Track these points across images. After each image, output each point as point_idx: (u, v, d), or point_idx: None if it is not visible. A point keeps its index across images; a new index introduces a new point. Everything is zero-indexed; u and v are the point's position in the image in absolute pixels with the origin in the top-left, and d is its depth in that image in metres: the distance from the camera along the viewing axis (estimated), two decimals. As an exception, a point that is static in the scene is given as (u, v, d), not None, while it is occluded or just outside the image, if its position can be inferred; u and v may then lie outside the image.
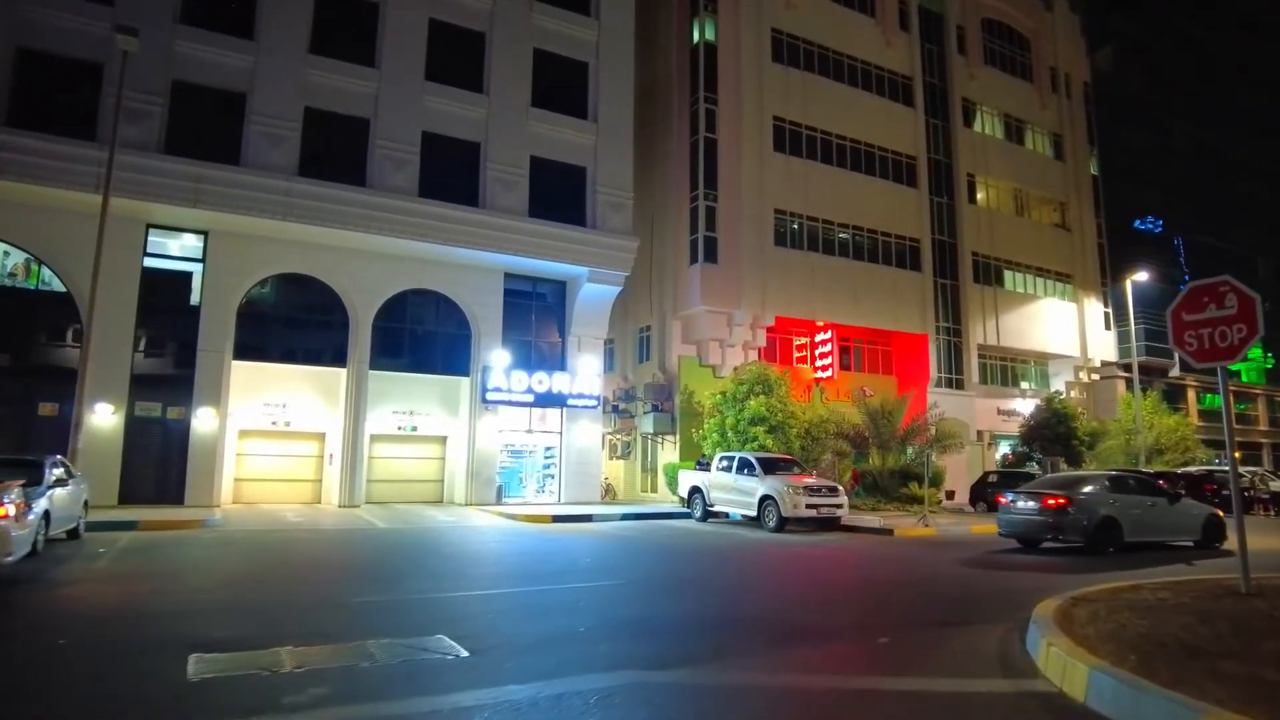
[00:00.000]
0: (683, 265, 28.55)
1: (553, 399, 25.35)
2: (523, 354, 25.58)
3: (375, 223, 22.48)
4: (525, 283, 26.14)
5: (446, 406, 25.61)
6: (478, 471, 24.44)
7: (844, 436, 27.05)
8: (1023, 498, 14.75)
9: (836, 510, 17.99)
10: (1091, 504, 14.02)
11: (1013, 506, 14.87)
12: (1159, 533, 14.84)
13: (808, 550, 14.78)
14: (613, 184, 26.36)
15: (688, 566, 12.21)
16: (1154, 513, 14.67)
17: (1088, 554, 13.66)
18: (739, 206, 28.69)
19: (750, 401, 24.25)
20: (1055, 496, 14.10)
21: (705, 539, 16.53)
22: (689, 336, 28.79)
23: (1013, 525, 14.84)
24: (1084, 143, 41.45)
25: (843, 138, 32.01)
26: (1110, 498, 14.34)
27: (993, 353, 36.78)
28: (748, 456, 19.64)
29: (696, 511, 20.87)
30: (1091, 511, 13.86)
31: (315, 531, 16.63)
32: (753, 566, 12.41)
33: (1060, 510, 13.90)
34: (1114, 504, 14.20)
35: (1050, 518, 13.95)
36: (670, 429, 28.21)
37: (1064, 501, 13.94)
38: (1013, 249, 37.22)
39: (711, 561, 12.98)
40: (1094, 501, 14.12)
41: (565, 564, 12.23)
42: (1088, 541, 13.74)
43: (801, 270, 30.04)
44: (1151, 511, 14.64)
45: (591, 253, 25.34)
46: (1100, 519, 13.82)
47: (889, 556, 13.96)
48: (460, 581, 10.22)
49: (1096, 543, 13.74)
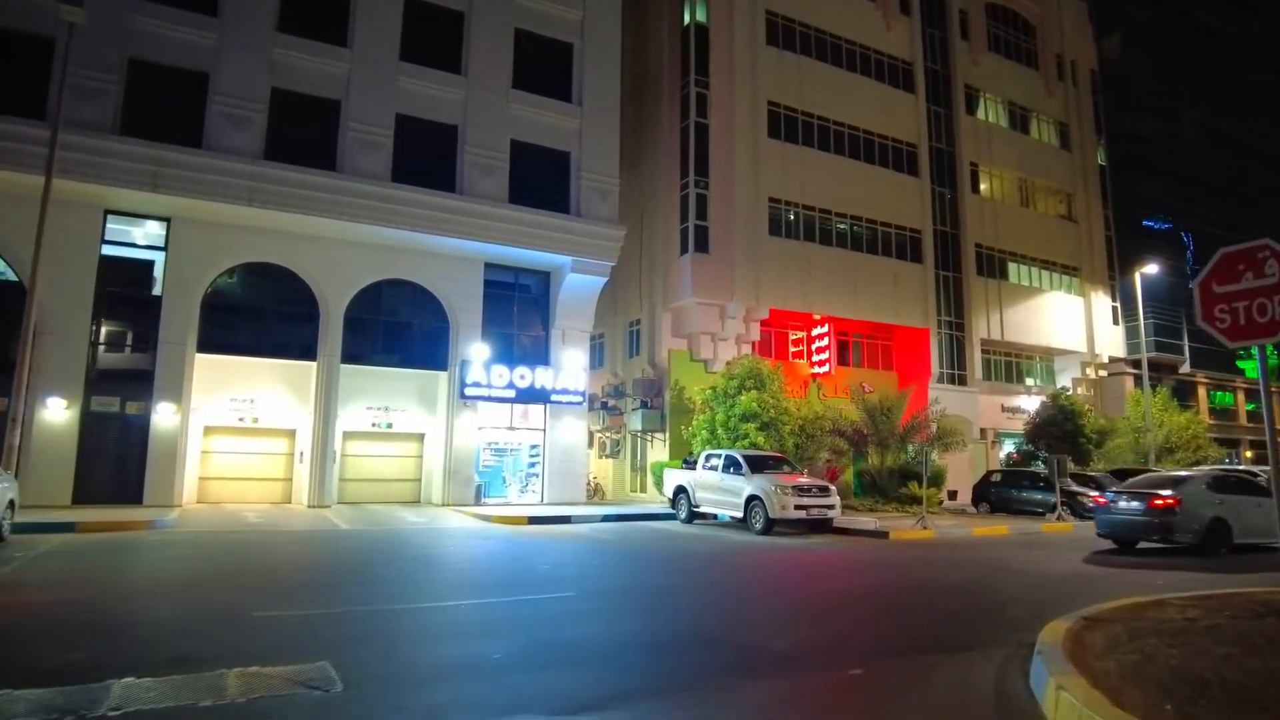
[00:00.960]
0: (673, 256, 27.41)
1: (535, 394, 24.22)
2: (504, 348, 24.46)
3: (345, 209, 21.38)
4: (507, 273, 25.02)
5: (424, 403, 24.50)
6: (455, 470, 23.32)
7: (841, 434, 25.86)
8: (1125, 498, 14.51)
9: (828, 512, 16.82)
10: (1200, 504, 13.75)
11: (1114, 506, 14.62)
12: (1269, 534, 14.16)
13: (793, 555, 13.62)
14: (598, 170, 25.21)
15: (655, 575, 11.06)
16: (1259, 513, 13.95)
17: (1197, 555, 13.31)
18: (732, 195, 27.52)
19: (741, 397, 23.09)
20: (1164, 497, 13.67)
21: (685, 543, 15.38)
22: (680, 330, 27.64)
23: (1113, 525, 14.55)
24: (1091, 132, 40.18)
25: (841, 124, 30.82)
26: (1217, 498, 14.08)
27: (997, 348, 35.56)
28: (734, 454, 18.49)
29: (681, 513, 19.72)
30: (1201, 512, 13.58)
31: (270, 533, 15.54)
32: (728, 574, 11.26)
33: (1168, 511, 13.54)
34: (1221, 504, 13.94)
35: (1157, 518, 13.63)
36: (660, 426, 27.08)
37: (1173, 502, 13.58)
38: (1017, 241, 35.98)
39: (684, 568, 11.83)
40: (1202, 502, 13.83)
41: (520, 571, 11.11)
42: (1199, 543, 13.48)
43: (797, 261, 28.87)
44: (1257, 511, 13.97)
45: (575, 241, 24.19)
46: (1210, 520, 13.56)
47: (881, 562, 12.80)
48: (394, 592, 9.10)
49: (1207, 544, 13.48)
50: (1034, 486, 23.68)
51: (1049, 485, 22.14)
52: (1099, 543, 16.15)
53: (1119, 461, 30.34)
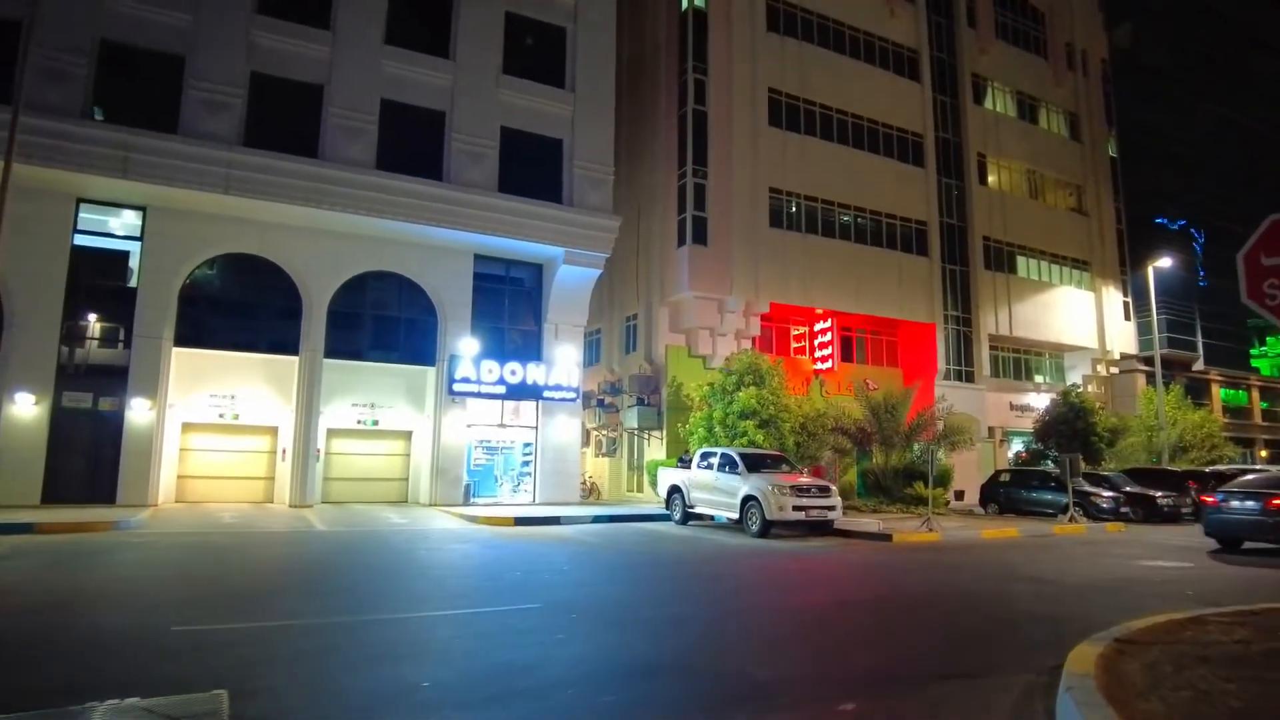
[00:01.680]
0: (670, 249, 26.53)
1: (527, 391, 23.38)
2: (494, 342, 23.63)
3: (327, 197, 20.57)
4: (497, 265, 24.19)
5: (411, 399, 23.68)
6: (443, 469, 22.50)
7: (844, 432, 24.95)
8: (1238, 497, 14.24)
9: (828, 513, 15.92)
10: None
11: (1225, 506, 14.36)
12: None
13: (789, 560, 12.75)
14: (592, 158, 24.35)
15: (634, 584, 10.18)
16: None
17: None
18: (731, 185, 26.63)
19: (740, 393, 22.20)
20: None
21: (674, 546, 14.52)
22: (677, 325, 26.77)
23: (1224, 525, 14.36)
24: (1102, 123, 39.14)
25: (844, 113, 29.89)
26: None
27: (1005, 344, 34.61)
28: (730, 452, 17.60)
29: (676, 514, 18.85)
30: None
31: (240, 535, 14.74)
32: (715, 583, 10.39)
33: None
34: None
35: (1275, 518, 13.42)
36: (656, 424, 26.21)
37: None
38: (1026, 234, 34.99)
39: (669, 576, 10.96)
40: None
41: (490, 579, 10.26)
42: None
43: (799, 254, 27.96)
44: None
45: (568, 232, 23.34)
46: None
47: (882, 568, 11.91)
48: (344, 603, 8.27)
49: None
50: (1045, 486, 22.74)
51: (1061, 485, 21.22)
52: (1114, 546, 15.26)
53: (1131, 461, 29.42)
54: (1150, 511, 21.77)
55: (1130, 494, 21.93)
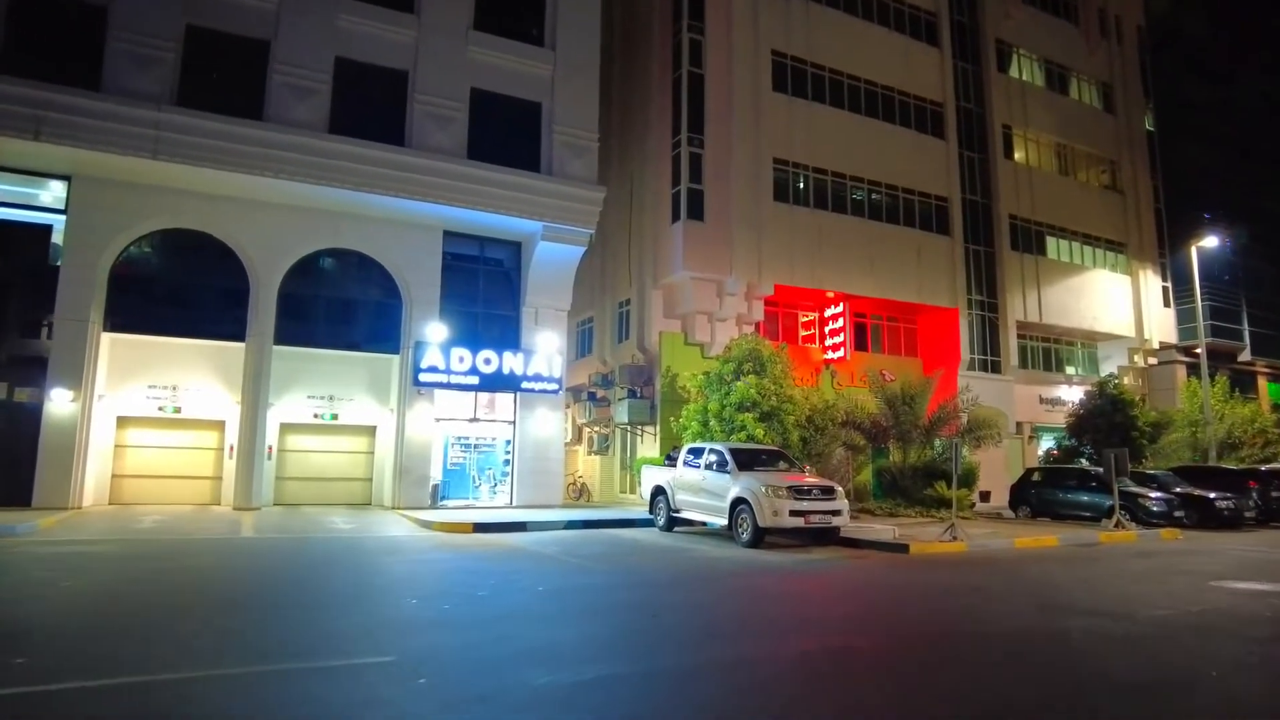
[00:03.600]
0: (664, 225, 24.09)
1: (503, 381, 21.07)
2: (467, 328, 21.34)
3: (273, 163, 18.35)
4: (469, 243, 21.89)
5: (375, 391, 21.45)
6: (407, 468, 20.22)
7: (856, 426, 22.43)
8: None
9: (832, 518, 13.44)
10: None
11: None
12: None
13: (782, 581, 10.31)
14: (574, 124, 21.98)
15: (564, 620, 7.71)
16: None
17: None
18: (731, 155, 24.16)
19: (737, 383, 19.76)
20: None
21: (647, 560, 12.12)
22: (672, 310, 24.33)
23: None
24: (1138, 94, 36.23)
25: (855, 78, 27.30)
26: None
27: (1034, 331, 31.87)
28: (719, 448, 15.15)
29: (660, 519, 16.43)
30: None
31: (143, 544, 12.49)
32: (677, 617, 7.97)
33: None
34: None
35: None
36: (649, 418, 23.80)
37: None
38: (1056, 212, 32.20)
39: (620, 606, 8.54)
40: None
41: (374, 607, 7.90)
42: None
43: (807, 231, 25.44)
44: None
45: (546, 204, 20.98)
46: None
47: (897, 592, 9.46)
48: (145, 650, 5.94)
49: None
50: (1084, 487, 20.09)
51: (1103, 485, 18.59)
52: (1178, 559, 12.70)
53: (1175, 459, 26.61)
54: (1206, 515, 19.09)
55: (1183, 495, 19.26)
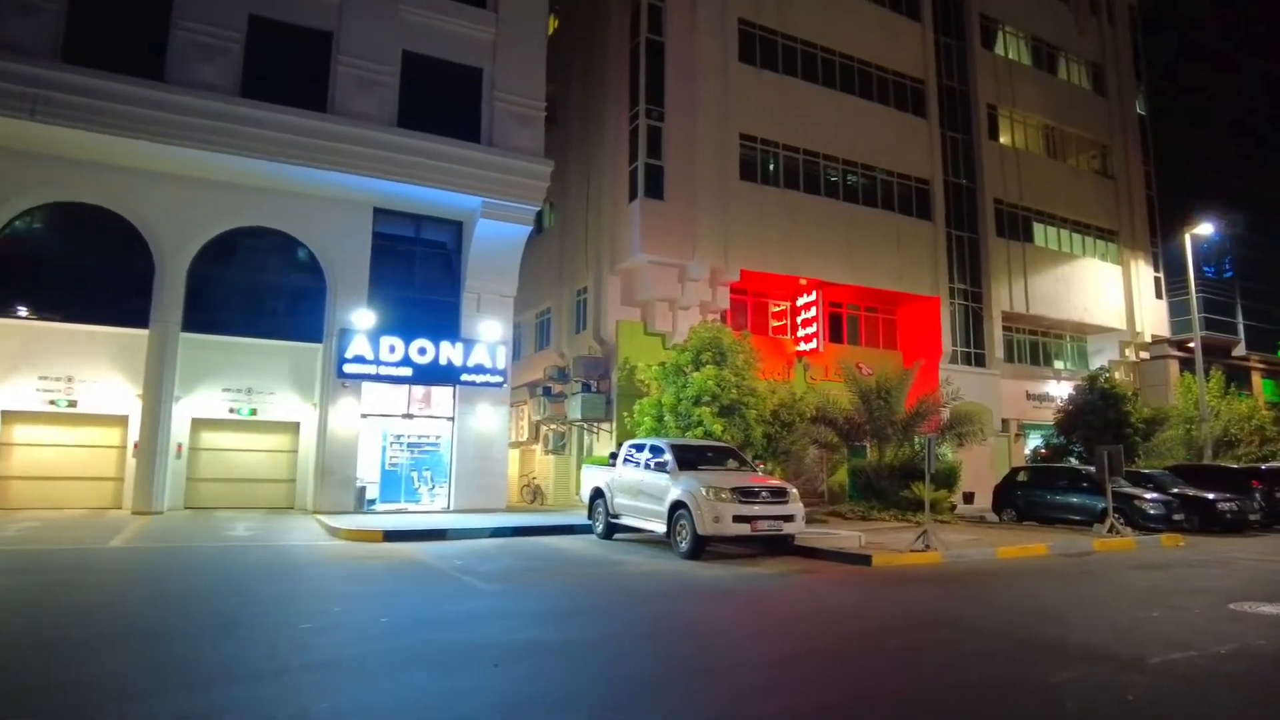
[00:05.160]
0: (621, 205, 22.24)
1: (440, 373, 19.17)
2: (400, 315, 19.41)
3: (174, 129, 16.40)
4: (404, 222, 19.98)
5: (300, 385, 19.53)
6: (330, 469, 18.28)
7: (828, 422, 20.65)
8: None
9: (783, 525, 11.58)
10: None
11: None
12: None
13: (701, 607, 8.45)
14: (518, 91, 20.10)
15: (380, 672, 5.74)
16: None
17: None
18: (694, 129, 22.33)
19: (695, 374, 17.93)
20: None
21: (552, 578, 10.25)
22: (631, 297, 22.48)
23: None
24: (1129, 76, 34.61)
25: (830, 52, 25.52)
26: None
27: (1021, 323, 30.16)
28: (660, 444, 13.28)
29: (598, 525, 14.55)
30: None
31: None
32: (517, 665, 6.08)
33: None
34: None
35: None
36: (604, 414, 21.93)
37: None
38: (1045, 197, 30.53)
39: (466, 645, 6.60)
40: None
41: (165, 645, 6.00)
42: None
43: (778, 214, 23.62)
44: None
45: (486, 177, 19.08)
46: None
47: (840, 624, 7.62)
48: None
49: None
50: (1075, 488, 18.29)
51: (1096, 486, 16.82)
52: (1187, 572, 10.91)
53: (1169, 457, 24.93)
54: (1208, 518, 17.35)
55: (1183, 497, 17.52)
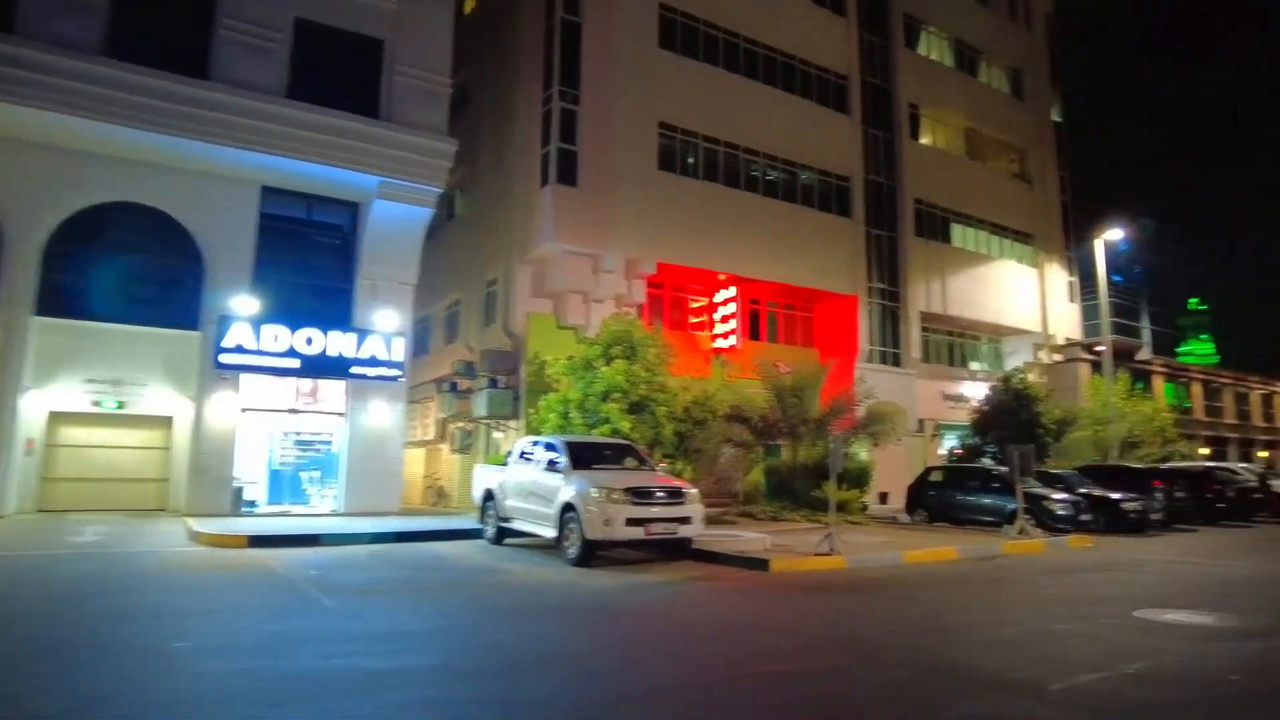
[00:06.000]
0: (534, 191, 21.22)
1: (329, 365, 17.84)
2: (288, 302, 18.02)
3: (28, 89, 14.75)
4: (294, 203, 18.58)
5: (175, 376, 17.88)
6: (204, 467, 16.80)
7: (742, 420, 20.08)
8: None
9: (680, 528, 10.81)
10: None
11: None
12: None
13: (570, 624, 7.59)
14: (421, 65, 18.90)
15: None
16: None
17: None
18: (611, 115, 21.47)
19: (603, 368, 17.09)
20: None
21: (415, 592, 9.25)
22: (543, 288, 21.46)
23: None
24: (1047, 83, 35.18)
25: (753, 42, 24.98)
26: None
27: (938, 324, 30.23)
28: (553, 441, 12.38)
29: (489, 529, 13.56)
30: None
31: None
32: (329, 695, 5.13)
33: None
34: None
35: None
36: (511, 411, 20.87)
37: None
38: (964, 199, 30.68)
39: (272, 680, 5.61)
40: None
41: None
42: None
43: (697, 206, 22.94)
44: None
45: (384, 155, 17.86)
46: None
47: (719, 641, 6.85)
48: None
49: None
50: (987, 488, 18.07)
51: (1007, 486, 16.58)
52: (1096, 576, 10.55)
53: (1079, 457, 25.22)
54: (1113, 519, 17.36)
55: (1090, 497, 17.48)
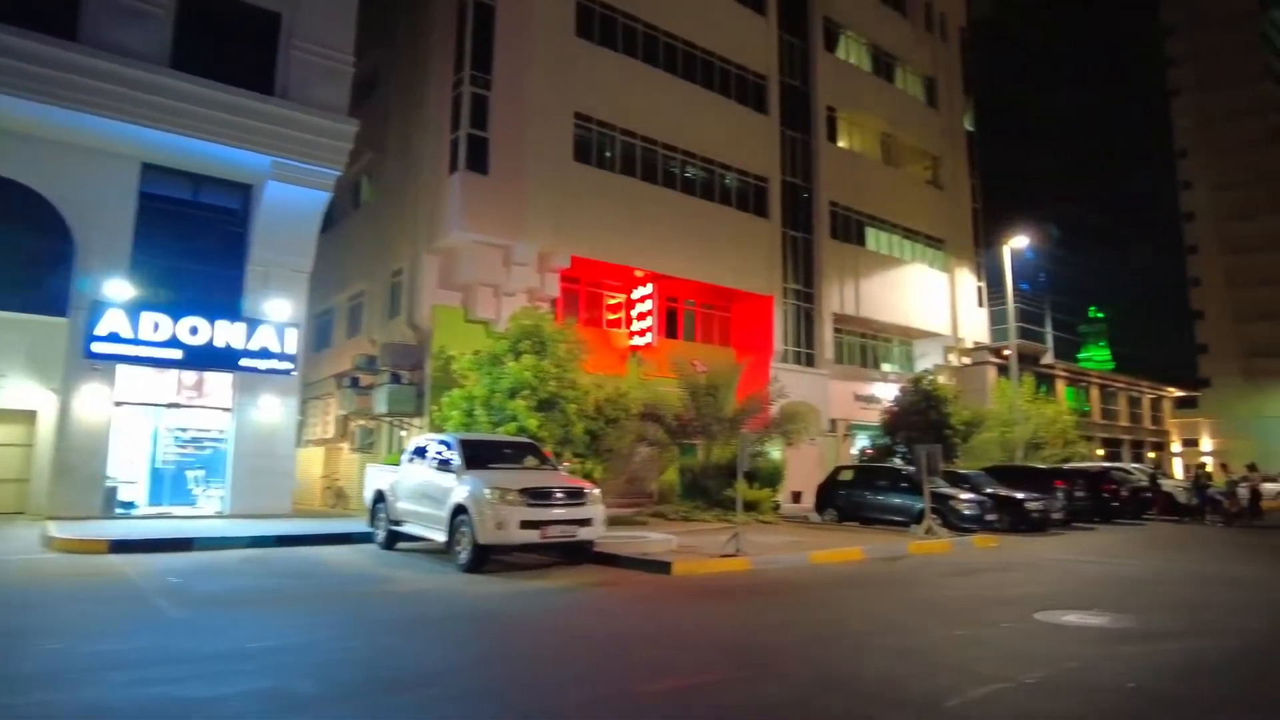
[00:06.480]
0: (442, 179, 20.35)
1: (216, 357, 16.64)
2: (171, 288, 16.74)
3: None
4: (179, 181, 17.28)
5: (40, 366, 16.35)
6: (72, 465, 15.41)
7: (656, 419, 19.69)
8: None
9: (579, 530, 10.27)
10: None
11: None
12: None
13: (444, 642, 6.97)
14: (321, 40, 17.84)
15: None
16: None
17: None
18: (525, 103, 20.78)
19: (510, 364, 16.41)
20: None
21: (276, 602, 8.47)
22: (450, 279, 20.59)
23: None
24: (959, 92, 36.03)
25: (673, 37, 24.65)
26: None
27: (851, 325, 30.51)
28: (448, 439, 11.65)
29: (379, 532, 12.74)
30: None
31: None
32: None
33: None
34: None
35: None
36: (414, 408, 19.96)
37: None
38: (878, 203, 31.07)
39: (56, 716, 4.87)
40: None
41: None
42: None
43: (614, 200, 22.45)
44: None
45: (278, 134, 16.76)
46: None
47: (612, 654, 6.35)
48: None
49: None
50: (895, 488, 18.13)
51: (915, 486, 16.63)
52: (1002, 577, 10.47)
53: (986, 458, 25.75)
54: (1017, 518, 17.64)
55: (996, 497, 17.71)
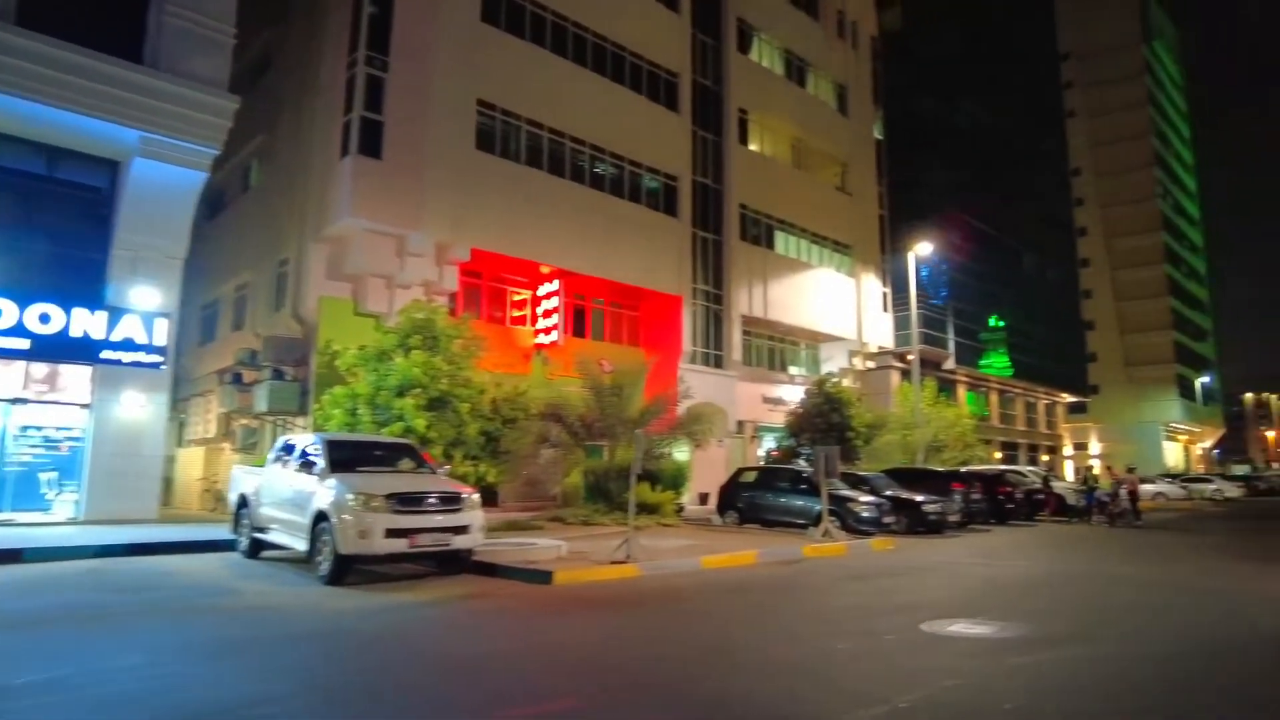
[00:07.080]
0: (333, 163, 19.23)
1: (72, 348, 15.17)
2: (20, 271, 15.13)
3: None
4: (31, 154, 15.69)
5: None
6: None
7: (557, 419, 19.05)
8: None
9: (454, 538, 9.55)
10: None
11: None
12: None
13: (266, 672, 6.21)
14: (199, 9, 16.49)
15: None
16: None
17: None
18: (425, 87, 19.85)
19: (399, 360, 15.51)
20: None
21: (92, 628, 7.52)
22: (340, 270, 19.49)
23: None
24: (869, 101, 36.66)
25: (583, 28, 24.09)
26: None
27: (759, 328, 30.57)
28: (314, 439, 10.75)
29: (242, 540, 11.72)
30: None
31: None
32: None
33: None
34: None
35: None
36: (297, 406, 18.78)
37: None
38: (788, 207, 31.24)
39: None
40: None
41: None
42: None
43: (519, 192, 21.72)
44: None
45: (147, 106, 15.40)
46: None
47: (457, 686, 5.72)
48: None
49: None
50: (796, 490, 17.99)
51: (815, 488, 16.50)
52: (894, 583, 10.23)
53: (888, 460, 26.09)
54: (915, 520, 17.76)
55: (894, 499, 17.77)
